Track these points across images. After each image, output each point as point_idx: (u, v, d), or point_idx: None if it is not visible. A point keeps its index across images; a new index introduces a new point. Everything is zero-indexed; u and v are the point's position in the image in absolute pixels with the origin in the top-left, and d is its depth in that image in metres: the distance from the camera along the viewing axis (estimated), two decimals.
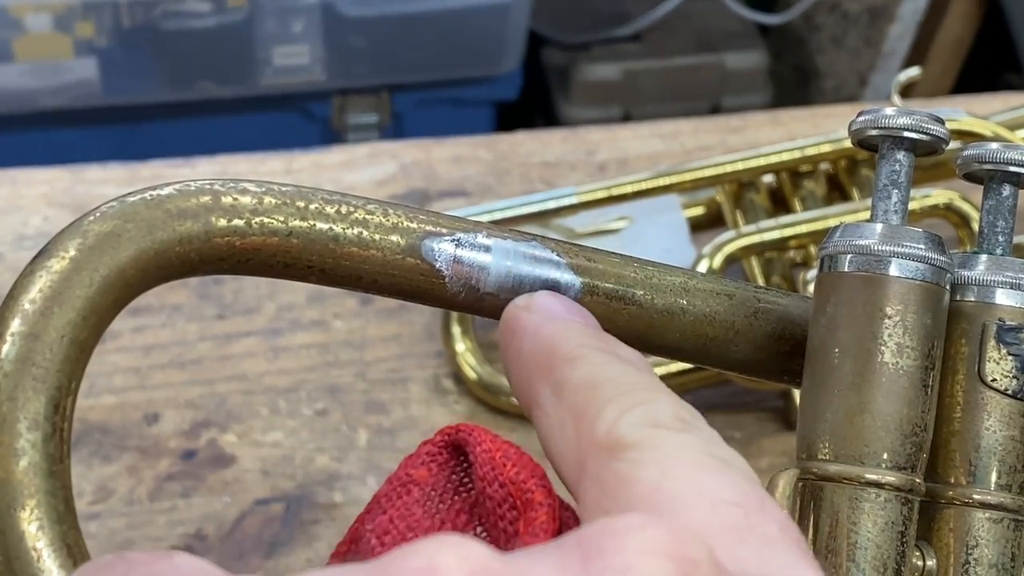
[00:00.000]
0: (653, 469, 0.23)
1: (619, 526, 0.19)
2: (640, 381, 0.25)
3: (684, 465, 0.23)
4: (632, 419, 0.24)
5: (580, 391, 0.25)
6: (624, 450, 0.23)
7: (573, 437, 0.25)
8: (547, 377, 0.26)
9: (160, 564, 0.20)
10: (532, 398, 0.27)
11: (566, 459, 0.25)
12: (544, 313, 0.28)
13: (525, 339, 0.28)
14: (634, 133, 0.72)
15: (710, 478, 0.23)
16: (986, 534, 0.31)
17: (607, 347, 0.27)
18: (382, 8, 1.19)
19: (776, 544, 0.22)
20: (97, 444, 0.57)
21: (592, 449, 0.24)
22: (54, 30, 1.13)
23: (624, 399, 0.24)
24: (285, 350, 0.60)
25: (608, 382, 0.25)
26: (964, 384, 0.31)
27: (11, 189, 0.66)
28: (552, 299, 0.29)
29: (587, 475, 0.24)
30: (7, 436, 0.26)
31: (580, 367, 0.26)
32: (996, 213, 0.33)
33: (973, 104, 0.71)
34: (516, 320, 0.29)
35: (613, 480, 0.23)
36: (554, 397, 0.26)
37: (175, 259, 0.29)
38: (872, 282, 0.30)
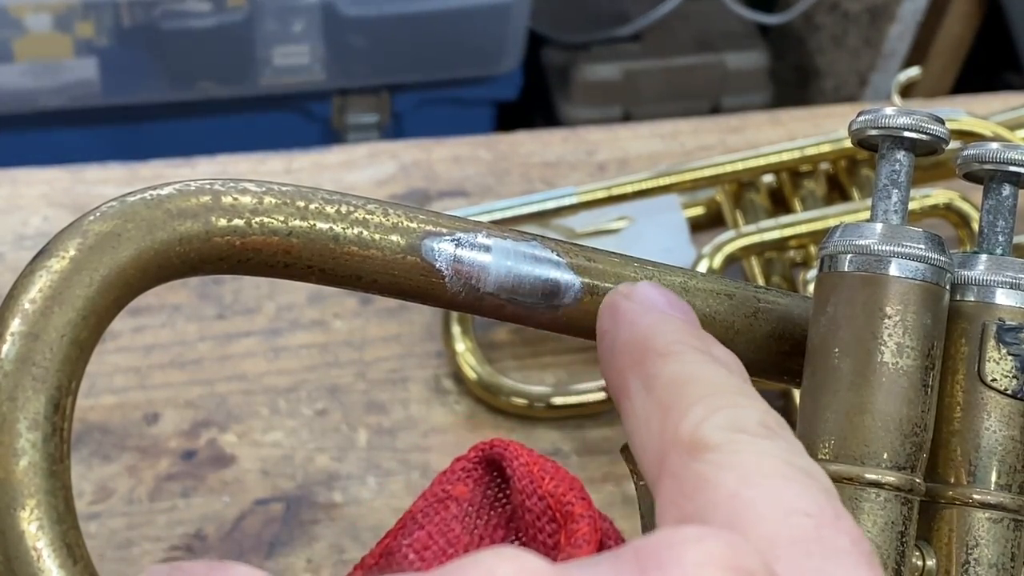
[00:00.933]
0: (732, 474, 0.23)
1: (677, 538, 0.20)
2: (730, 384, 0.26)
3: (763, 473, 0.23)
4: (717, 421, 0.24)
5: (669, 387, 0.25)
6: (706, 451, 0.23)
7: (657, 433, 0.25)
8: (639, 369, 0.26)
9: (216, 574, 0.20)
10: (622, 388, 0.27)
11: (649, 454, 0.25)
12: (644, 303, 0.28)
13: (622, 328, 0.28)
14: (634, 133, 0.72)
15: (787, 488, 0.23)
16: (986, 534, 0.31)
17: (702, 346, 0.27)
18: (382, 8, 1.19)
19: (844, 557, 0.22)
20: (97, 444, 0.57)
21: (674, 447, 0.24)
22: (54, 30, 1.13)
23: (711, 400, 0.24)
24: (285, 350, 0.61)
25: (698, 381, 0.25)
26: (964, 384, 0.31)
27: (11, 189, 0.66)
28: (654, 290, 0.29)
29: (667, 473, 0.24)
30: (7, 436, 0.26)
31: (672, 363, 0.26)
32: (996, 213, 0.33)
33: (973, 104, 0.71)
34: (616, 307, 0.28)
35: (692, 481, 0.23)
36: (644, 391, 0.26)
37: (175, 259, 0.29)
38: (872, 282, 0.30)
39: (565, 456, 0.57)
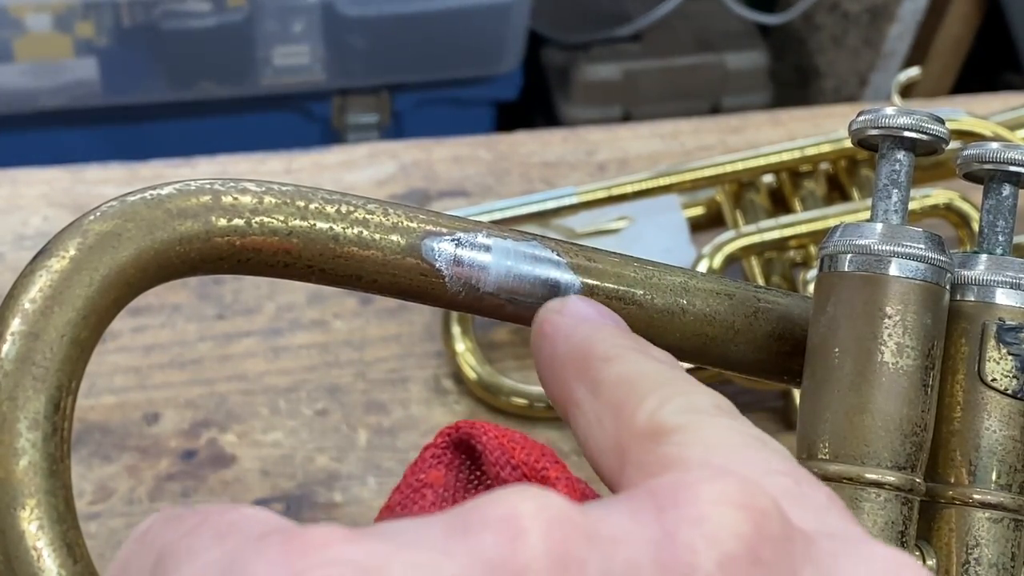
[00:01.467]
0: (698, 448, 0.23)
1: (691, 478, 0.20)
2: (676, 376, 0.26)
3: (728, 444, 0.23)
4: (672, 407, 0.24)
5: (618, 387, 0.26)
6: (668, 434, 0.24)
7: (612, 430, 0.25)
8: (583, 376, 0.27)
9: (231, 514, 0.21)
10: (568, 397, 0.27)
11: (605, 452, 0.25)
12: (577, 316, 0.29)
13: (559, 342, 0.28)
14: (634, 133, 0.72)
15: (755, 454, 0.23)
16: (986, 534, 0.31)
17: (640, 347, 0.28)
18: (382, 8, 1.19)
19: (828, 510, 0.23)
20: (97, 444, 0.57)
21: (634, 438, 0.24)
22: (54, 30, 1.13)
23: (663, 390, 0.25)
24: (285, 350, 0.61)
25: (645, 377, 0.26)
26: (964, 384, 0.31)
27: (11, 189, 0.66)
28: (584, 303, 0.29)
29: (630, 463, 0.24)
30: (7, 435, 0.26)
31: (616, 365, 0.26)
32: (996, 213, 0.33)
33: (973, 104, 0.71)
34: (549, 323, 0.29)
35: (659, 463, 0.24)
36: (591, 395, 0.26)
37: (175, 259, 0.29)
38: (872, 282, 0.30)
39: (565, 456, 0.57)
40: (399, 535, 0.19)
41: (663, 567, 0.19)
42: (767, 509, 0.20)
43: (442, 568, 0.18)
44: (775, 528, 0.20)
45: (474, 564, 0.18)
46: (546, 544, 0.18)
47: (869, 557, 0.21)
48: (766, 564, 0.19)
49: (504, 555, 0.18)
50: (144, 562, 0.21)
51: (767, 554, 0.19)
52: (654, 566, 0.19)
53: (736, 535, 0.19)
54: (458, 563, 0.18)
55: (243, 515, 0.21)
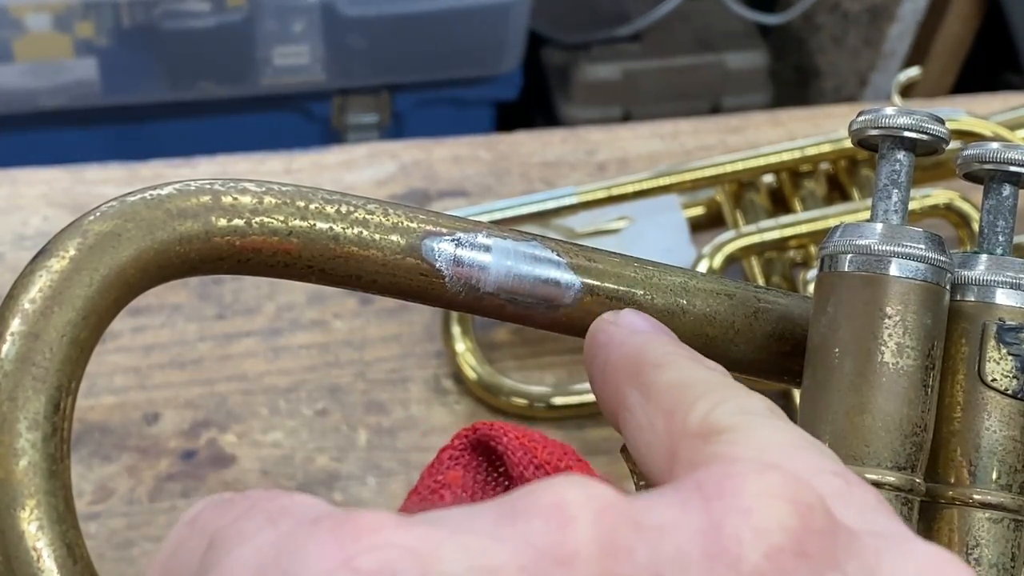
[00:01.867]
0: (751, 447, 0.23)
1: (737, 470, 0.20)
2: (728, 382, 0.26)
3: (781, 443, 0.24)
4: (725, 409, 0.25)
5: (670, 391, 0.26)
6: (720, 434, 0.24)
7: (663, 432, 0.25)
8: (635, 381, 0.27)
9: (282, 500, 0.21)
10: (619, 403, 0.28)
11: (656, 453, 0.26)
12: (630, 327, 0.29)
13: (612, 349, 0.29)
14: (634, 133, 0.72)
15: (807, 454, 0.24)
16: (986, 534, 0.31)
17: (692, 355, 0.28)
18: (382, 8, 1.19)
19: (877, 511, 0.23)
20: (97, 444, 0.57)
21: (685, 439, 0.25)
22: (54, 30, 1.13)
23: (715, 394, 0.25)
24: (285, 350, 0.60)
25: (698, 382, 0.26)
26: (964, 384, 0.31)
27: (11, 189, 0.66)
28: (637, 315, 0.30)
29: (680, 463, 0.24)
30: (7, 436, 0.26)
31: (668, 371, 0.27)
32: (996, 213, 0.33)
33: (973, 104, 0.71)
34: (604, 332, 0.30)
35: (711, 461, 0.24)
36: (643, 399, 0.27)
37: (175, 259, 0.29)
38: (872, 282, 0.30)
39: None
40: (449, 521, 0.19)
41: (710, 556, 0.19)
42: (812, 504, 0.20)
43: (493, 553, 0.18)
44: (820, 522, 0.20)
45: (524, 549, 0.19)
46: (595, 531, 0.19)
47: (912, 553, 0.21)
48: (811, 557, 0.19)
49: (554, 541, 0.19)
50: (195, 547, 0.21)
51: (812, 547, 0.19)
52: (701, 555, 0.19)
53: (782, 527, 0.19)
54: (508, 548, 0.19)
55: (294, 500, 0.21)
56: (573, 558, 0.18)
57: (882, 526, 0.22)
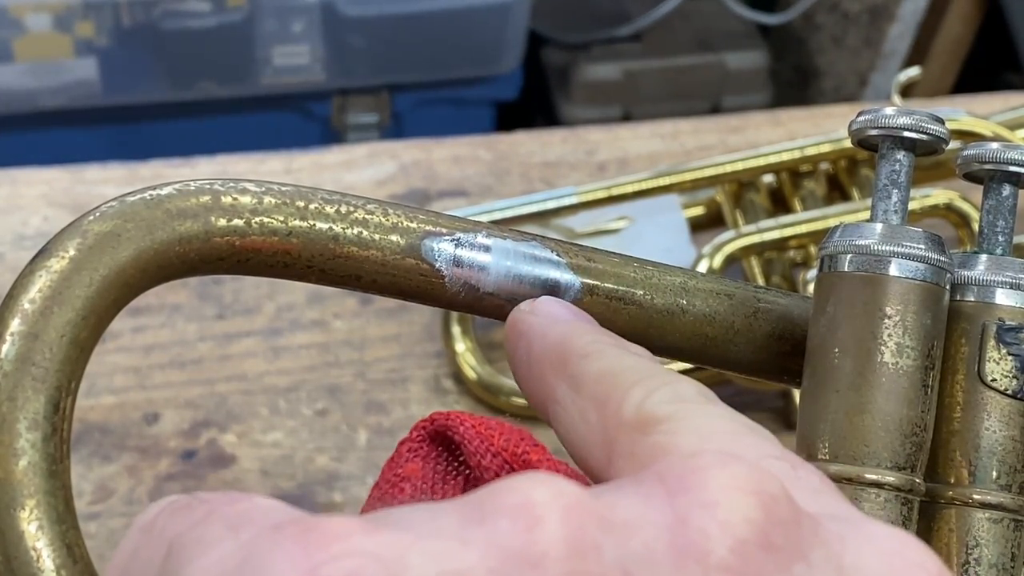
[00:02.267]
0: (690, 436, 0.23)
1: (700, 463, 0.20)
2: (658, 368, 0.26)
3: (719, 430, 0.24)
4: (660, 397, 0.24)
5: (600, 381, 0.26)
6: (657, 423, 0.24)
7: (597, 424, 0.25)
8: (562, 373, 0.27)
9: (242, 504, 0.20)
10: (547, 395, 0.27)
11: (591, 447, 0.25)
12: (550, 316, 0.29)
13: (534, 340, 0.28)
14: (634, 133, 0.72)
15: (746, 439, 0.23)
16: (986, 534, 0.31)
17: (617, 343, 0.28)
18: (382, 8, 1.19)
19: (825, 491, 0.23)
20: (97, 444, 0.57)
21: (621, 430, 0.24)
22: (54, 30, 1.13)
23: (648, 382, 0.25)
24: (285, 350, 0.60)
25: (627, 370, 0.26)
26: (964, 384, 0.31)
27: (11, 189, 0.66)
28: (555, 303, 0.30)
29: (619, 455, 0.24)
30: (7, 436, 0.26)
31: (596, 360, 0.26)
32: (996, 213, 0.33)
33: (973, 104, 0.71)
34: (523, 323, 0.29)
35: (650, 452, 0.24)
36: (572, 391, 0.26)
37: (175, 259, 0.29)
38: (872, 282, 0.30)
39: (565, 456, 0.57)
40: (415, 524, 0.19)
41: (677, 552, 0.19)
42: (776, 494, 0.20)
43: (461, 557, 0.18)
44: (785, 513, 0.20)
45: (492, 552, 0.18)
46: (563, 531, 0.19)
47: (873, 537, 0.21)
48: (777, 549, 0.19)
49: (522, 543, 0.18)
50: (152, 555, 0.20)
51: (778, 539, 0.19)
52: (669, 551, 0.19)
53: (747, 520, 0.19)
54: (476, 551, 0.18)
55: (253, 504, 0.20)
56: (542, 559, 0.18)
57: (836, 509, 0.22)
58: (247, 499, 0.21)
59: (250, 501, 0.21)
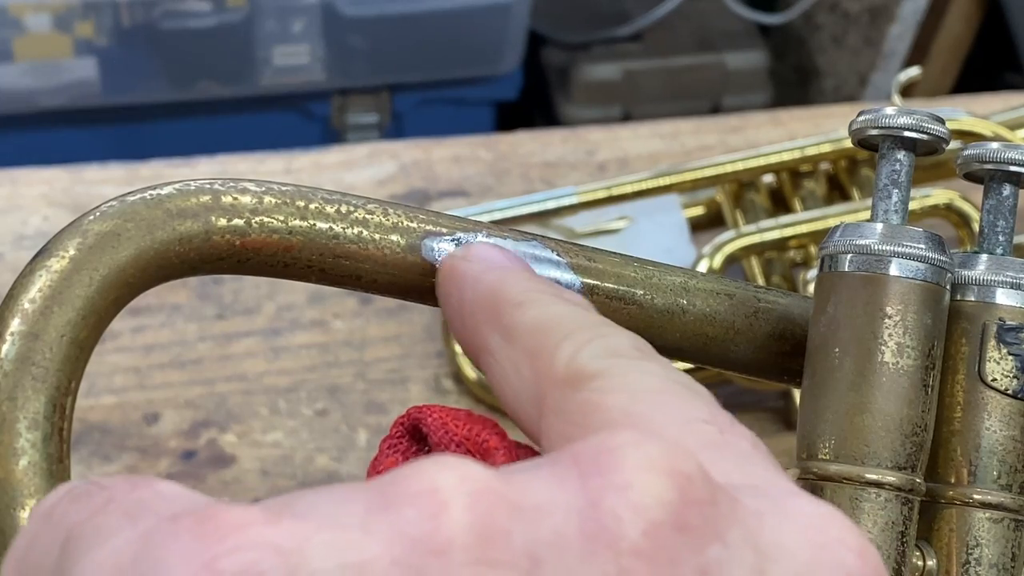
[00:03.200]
0: (620, 395, 0.23)
1: (614, 443, 0.19)
2: (593, 319, 0.25)
3: (650, 389, 0.23)
4: (592, 351, 0.24)
5: (533, 332, 0.25)
6: (588, 380, 0.23)
7: (530, 377, 0.25)
8: (495, 323, 0.26)
9: (142, 491, 0.20)
10: (480, 345, 0.27)
11: (523, 400, 0.25)
12: (483, 262, 0.28)
13: (466, 288, 0.28)
14: (634, 133, 0.72)
15: (676, 400, 0.23)
16: (986, 534, 0.31)
17: (553, 290, 0.27)
18: (382, 8, 1.19)
19: (752, 458, 0.22)
20: (97, 444, 0.57)
21: (552, 385, 0.24)
22: (54, 30, 1.13)
23: (580, 334, 0.24)
24: (285, 350, 0.60)
25: (561, 320, 0.25)
26: (964, 384, 0.31)
27: (11, 189, 0.66)
28: (490, 248, 0.29)
29: (549, 410, 0.24)
30: (7, 436, 0.26)
31: (530, 310, 0.26)
32: (996, 213, 0.33)
33: (973, 104, 0.71)
34: (456, 269, 0.28)
35: (579, 410, 0.23)
36: (504, 342, 0.26)
37: (175, 259, 0.29)
38: (872, 282, 0.30)
39: None
40: (318, 512, 0.18)
41: (588, 537, 0.18)
42: (691, 474, 0.19)
43: (363, 546, 0.18)
44: (700, 493, 0.19)
45: (396, 541, 0.18)
46: (469, 517, 0.18)
47: (796, 513, 0.20)
48: (692, 530, 0.19)
49: (427, 530, 0.18)
50: (50, 543, 0.20)
51: (693, 520, 0.19)
52: (579, 536, 0.18)
53: (661, 502, 0.19)
54: (380, 540, 0.18)
55: (154, 491, 0.20)
56: (448, 547, 0.18)
57: (761, 478, 0.22)
58: (147, 485, 0.20)
59: (150, 487, 0.20)
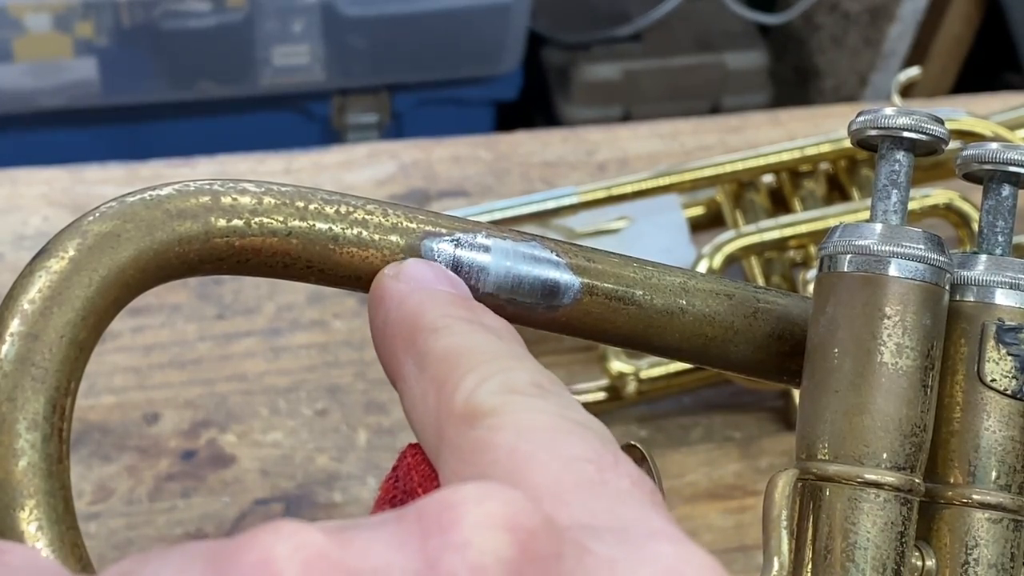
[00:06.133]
0: (508, 433, 0.23)
1: (455, 498, 0.19)
2: (502, 350, 0.25)
3: (538, 427, 0.23)
4: (489, 387, 0.24)
5: (442, 362, 0.25)
6: (481, 418, 0.23)
7: (433, 408, 0.25)
8: (411, 349, 0.26)
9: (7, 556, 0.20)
10: (396, 371, 0.26)
11: (427, 431, 0.25)
12: (411, 281, 0.28)
13: (391, 309, 0.27)
14: (634, 133, 0.72)
15: (563, 438, 0.23)
16: (985, 534, 0.31)
17: (472, 316, 0.27)
18: (382, 8, 1.19)
19: (629, 497, 0.22)
20: (97, 444, 0.57)
21: (450, 419, 0.24)
22: (54, 30, 1.13)
23: (484, 368, 0.24)
24: (285, 350, 0.61)
25: (470, 352, 0.25)
26: (964, 384, 0.31)
27: (11, 189, 0.66)
28: (422, 266, 0.28)
29: (445, 445, 0.24)
30: (6, 436, 0.26)
31: (443, 337, 0.26)
32: (996, 213, 0.33)
33: (973, 104, 0.71)
34: (383, 288, 0.28)
35: (470, 448, 0.23)
36: (417, 369, 0.26)
37: (174, 259, 0.29)
38: (871, 282, 0.30)
39: None
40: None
41: None
42: (533, 528, 0.19)
43: None
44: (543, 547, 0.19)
45: None
46: None
47: (652, 557, 0.20)
48: None
49: None
50: None
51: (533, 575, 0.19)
52: None
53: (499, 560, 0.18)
54: None
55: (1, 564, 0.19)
56: None
57: (629, 519, 0.21)
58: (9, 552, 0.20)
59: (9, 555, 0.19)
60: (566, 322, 0.32)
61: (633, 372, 0.58)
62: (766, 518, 0.30)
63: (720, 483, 0.58)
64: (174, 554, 0.19)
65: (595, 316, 0.31)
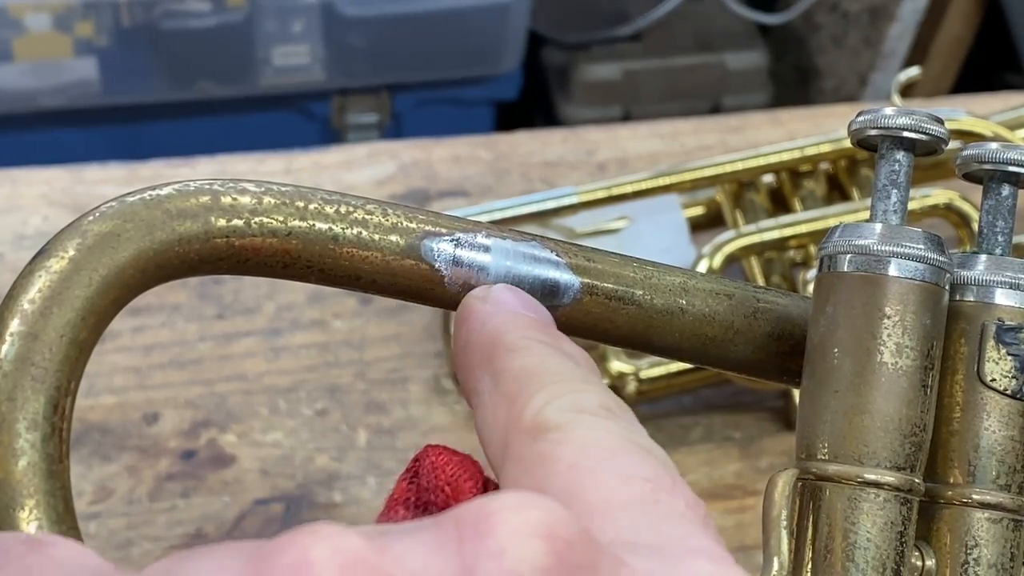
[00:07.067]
0: (571, 448, 0.23)
1: (494, 506, 0.19)
2: (575, 373, 0.26)
3: (601, 446, 0.23)
4: (559, 404, 0.24)
5: (516, 379, 0.26)
6: (547, 432, 0.24)
7: (503, 422, 0.25)
8: (488, 366, 0.27)
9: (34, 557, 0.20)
10: (472, 386, 0.27)
11: (494, 444, 0.25)
12: (497, 304, 0.29)
13: (474, 328, 0.28)
14: (634, 133, 0.72)
15: (625, 458, 0.23)
16: (985, 534, 0.31)
17: (551, 340, 0.27)
18: (382, 8, 1.19)
19: (679, 518, 0.22)
20: (97, 444, 0.57)
21: (517, 432, 0.24)
22: (54, 30, 1.13)
23: (555, 387, 0.25)
24: (285, 350, 0.61)
25: (544, 372, 0.26)
26: (963, 384, 0.31)
27: (11, 189, 0.66)
28: (508, 292, 0.29)
29: (509, 457, 0.24)
30: (6, 436, 0.26)
31: (520, 357, 0.26)
32: (995, 213, 0.33)
33: (973, 104, 0.71)
34: (469, 309, 0.29)
35: (531, 459, 0.24)
36: (493, 385, 0.26)
37: (174, 259, 0.29)
38: (871, 282, 0.30)
39: None
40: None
41: None
42: (570, 538, 0.19)
43: None
44: (579, 557, 0.19)
45: None
46: None
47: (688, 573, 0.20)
48: None
49: None
50: None
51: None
52: None
53: (535, 568, 0.18)
54: None
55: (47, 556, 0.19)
56: None
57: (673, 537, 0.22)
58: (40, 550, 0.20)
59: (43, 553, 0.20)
60: (566, 322, 0.32)
61: (633, 372, 0.58)
62: (766, 518, 0.30)
63: (720, 483, 0.58)
64: (214, 553, 0.19)
65: (595, 316, 0.31)
